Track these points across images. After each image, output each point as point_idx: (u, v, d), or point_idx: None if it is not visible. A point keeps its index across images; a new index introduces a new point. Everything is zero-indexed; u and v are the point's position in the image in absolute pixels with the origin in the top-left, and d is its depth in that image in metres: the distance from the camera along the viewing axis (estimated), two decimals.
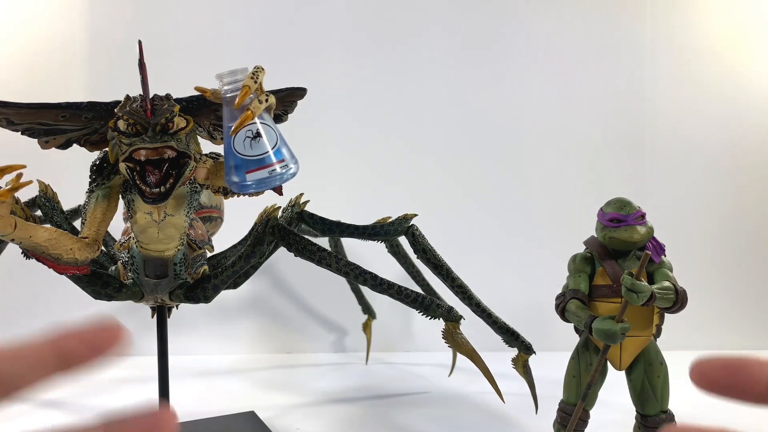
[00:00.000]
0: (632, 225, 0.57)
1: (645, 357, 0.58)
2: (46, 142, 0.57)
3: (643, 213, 0.58)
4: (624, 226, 0.57)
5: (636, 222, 0.57)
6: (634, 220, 0.57)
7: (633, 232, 0.56)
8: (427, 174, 1.25)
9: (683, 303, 0.54)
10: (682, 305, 0.55)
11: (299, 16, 1.23)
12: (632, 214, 0.57)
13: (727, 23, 1.27)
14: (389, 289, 0.66)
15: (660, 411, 0.57)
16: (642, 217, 0.57)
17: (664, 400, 0.57)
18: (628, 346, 0.58)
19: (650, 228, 0.58)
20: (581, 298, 0.58)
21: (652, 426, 0.57)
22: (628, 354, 0.58)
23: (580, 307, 0.57)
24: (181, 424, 0.76)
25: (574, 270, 0.60)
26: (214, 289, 0.65)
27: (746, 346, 1.25)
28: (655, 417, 0.56)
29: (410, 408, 0.87)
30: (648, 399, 0.57)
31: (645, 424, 0.57)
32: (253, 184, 0.51)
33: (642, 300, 0.52)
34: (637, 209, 0.58)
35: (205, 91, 0.53)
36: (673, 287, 0.54)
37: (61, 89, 1.18)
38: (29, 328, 1.11)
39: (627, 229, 0.57)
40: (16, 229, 0.48)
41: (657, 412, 0.57)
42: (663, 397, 0.57)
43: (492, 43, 1.26)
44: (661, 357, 0.58)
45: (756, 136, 1.28)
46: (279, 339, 1.24)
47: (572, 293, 0.58)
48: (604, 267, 0.58)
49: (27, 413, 0.86)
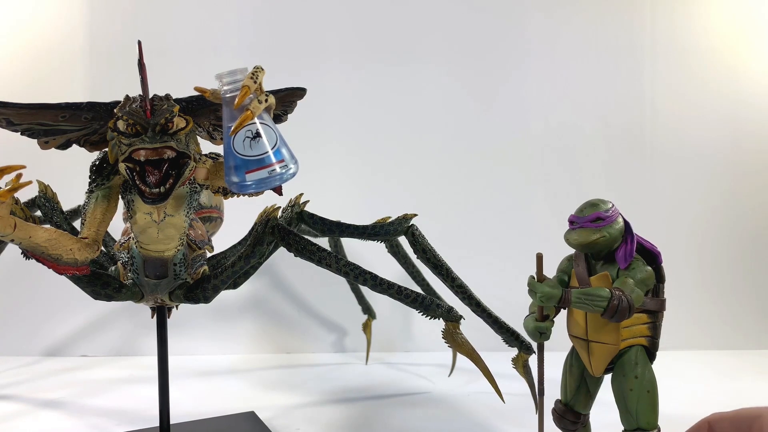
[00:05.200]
0: (584, 227, 0.55)
1: (619, 367, 0.55)
2: (45, 143, 0.57)
3: (602, 216, 0.55)
4: (577, 228, 0.56)
5: (589, 225, 0.55)
6: (588, 223, 0.55)
7: (584, 235, 0.55)
8: (427, 174, 1.25)
9: (617, 313, 0.51)
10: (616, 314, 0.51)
11: (299, 16, 1.23)
12: (587, 216, 0.55)
13: (728, 23, 1.27)
14: (389, 289, 0.66)
15: (637, 427, 0.53)
16: (600, 220, 0.55)
17: (640, 416, 0.53)
18: (595, 351, 0.56)
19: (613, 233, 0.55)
20: None
21: None
22: (596, 359, 0.56)
23: (534, 305, 0.57)
24: (181, 425, 0.76)
25: (559, 269, 0.60)
26: (214, 290, 0.65)
27: (746, 346, 1.25)
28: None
29: (410, 408, 0.87)
30: (622, 410, 0.55)
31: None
32: (252, 184, 0.51)
33: (542, 301, 0.52)
34: (596, 212, 0.55)
35: (205, 91, 0.53)
36: (604, 295, 0.51)
37: (61, 89, 1.18)
38: (29, 328, 1.11)
39: (579, 231, 0.56)
40: (15, 230, 0.48)
41: (633, 428, 0.53)
42: (639, 413, 0.53)
43: (492, 43, 1.26)
44: (638, 371, 0.54)
45: (757, 136, 1.28)
46: (279, 339, 1.24)
47: None
48: (574, 268, 0.58)
49: (27, 413, 0.86)
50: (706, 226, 1.28)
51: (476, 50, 1.26)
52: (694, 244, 1.28)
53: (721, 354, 1.20)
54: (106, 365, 1.12)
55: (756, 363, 1.14)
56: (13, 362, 1.12)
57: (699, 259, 1.28)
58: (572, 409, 0.59)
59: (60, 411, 0.87)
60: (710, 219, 1.28)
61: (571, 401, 0.59)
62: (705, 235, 1.28)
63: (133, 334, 1.19)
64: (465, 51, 1.25)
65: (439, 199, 1.24)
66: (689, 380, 0.90)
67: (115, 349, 1.19)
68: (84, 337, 1.19)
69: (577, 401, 0.59)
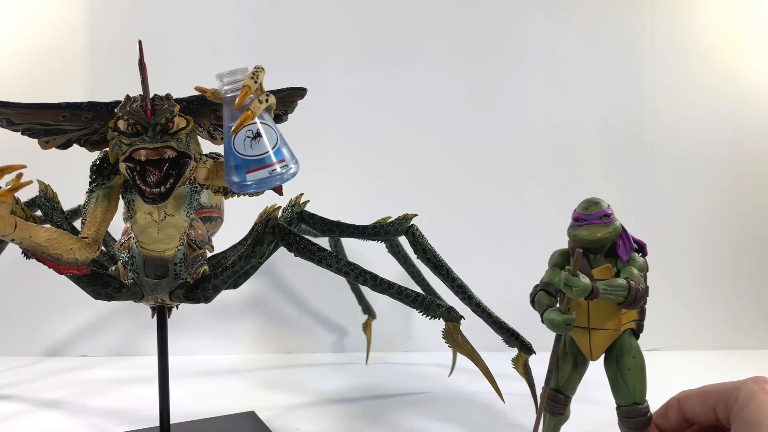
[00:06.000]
0: (593, 224, 0.59)
1: (617, 350, 0.60)
2: (46, 142, 0.57)
3: (608, 213, 0.59)
4: (585, 225, 0.59)
5: (598, 221, 0.59)
6: (596, 220, 0.59)
7: (593, 231, 0.59)
8: (427, 174, 1.25)
9: (637, 300, 0.56)
10: (635, 302, 0.56)
11: (299, 16, 1.23)
12: (594, 213, 0.59)
13: (728, 23, 1.27)
14: (389, 289, 0.66)
15: (633, 402, 0.59)
16: (606, 217, 0.59)
17: (635, 392, 0.59)
18: (596, 338, 0.60)
19: (615, 228, 0.59)
20: (550, 291, 0.61)
21: (625, 416, 0.59)
22: (597, 345, 0.61)
23: (543, 298, 0.61)
24: (181, 424, 0.76)
25: (552, 264, 0.64)
26: (214, 289, 0.65)
27: (747, 346, 1.25)
28: (628, 407, 0.59)
29: (410, 408, 0.87)
30: (619, 389, 0.60)
31: (619, 413, 0.60)
32: (253, 184, 0.51)
33: (578, 294, 0.55)
34: (602, 209, 0.59)
35: (205, 91, 0.52)
36: (623, 284, 0.56)
37: (61, 89, 1.18)
38: (29, 328, 1.11)
39: (588, 228, 0.59)
40: (16, 229, 0.48)
41: (629, 403, 0.59)
42: (635, 390, 0.59)
43: (492, 43, 1.26)
44: (634, 351, 0.60)
45: (757, 136, 1.28)
46: (279, 339, 1.24)
47: (543, 285, 0.62)
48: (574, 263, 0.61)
49: (27, 413, 0.86)
50: (706, 225, 1.28)
51: (476, 50, 1.26)
52: (694, 244, 1.28)
53: (722, 354, 1.20)
54: (106, 365, 1.12)
55: (756, 363, 1.14)
56: (13, 362, 1.12)
57: (699, 259, 1.27)
58: (563, 393, 0.63)
59: (60, 411, 0.87)
60: (710, 219, 1.28)
61: (563, 386, 0.63)
62: (705, 234, 1.28)
63: (133, 334, 1.19)
64: (465, 51, 1.26)
65: (439, 199, 1.24)
66: (689, 380, 0.90)
67: (115, 349, 1.19)
68: (84, 337, 1.19)
69: (568, 386, 0.63)
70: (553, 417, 0.63)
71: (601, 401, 0.68)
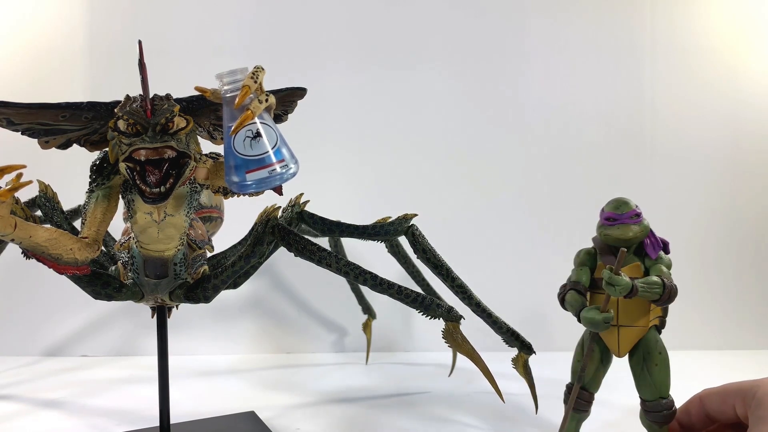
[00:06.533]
0: (625, 223, 0.61)
1: (644, 346, 0.62)
2: (46, 142, 0.57)
3: (638, 212, 0.61)
4: (618, 225, 0.61)
5: (630, 221, 0.61)
6: (628, 219, 0.61)
7: (626, 230, 0.61)
8: (427, 174, 1.25)
9: (671, 297, 0.58)
10: (669, 299, 0.58)
11: (300, 16, 1.23)
12: (626, 213, 0.61)
13: (728, 23, 1.27)
14: (389, 289, 0.66)
15: (659, 396, 0.60)
16: (636, 216, 0.61)
17: (662, 387, 0.61)
18: (624, 335, 0.62)
19: (645, 227, 0.61)
20: (579, 290, 0.63)
21: (650, 410, 0.61)
22: (625, 342, 0.62)
23: (575, 297, 0.62)
24: (181, 424, 0.76)
25: (578, 263, 0.65)
26: (214, 289, 0.65)
27: (747, 345, 1.25)
28: (654, 402, 0.60)
29: (410, 408, 0.87)
30: (646, 384, 0.61)
31: (644, 408, 0.62)
32: (253, 184, 0.51)
33: (621, 293, 0.57)
34: (633, 209, 0.61)
35: (205, 91, 0.52)
36: (659, 282, 0.58)
37: (61, 89, 1.18)
38: (29, 328, 1.12)
39: (620, 227, 0.61)
40: (16, 229, 0.48)
41: (655, 398, 0.60)
42: (661, 385, 0.61)
43: (492, 45, 1.26)
44: (660, 347, 0.62)
45: (757, 136, 1.28)
46: (279, 339, 1.24)
47: (572, 284, 0.63)
48: (603, 262, 0.63)
49: (27, 413, 0.86)
50: (706, 225, 1.28)
51: (476, 50, 1.26)
52: (695, 244, 1.27)
53: (722, 354, 1.20)
54: (106, 365, 1.12)
55: (757, 363, 1.14)
56: (13, 362, 1.12)
57: (699, 259, 1.27)
58: (588, 390, 0.64)
59: (60, 411, 0.86)
60: (710, 219, 1.28)
61: (588, 384, 0.64)
62: (705, 235, 1.28)
63: (133, 334, 1.20)
64: (465, 51, 1.25)
65: (439, 199, 1.24)
66: (690, 380, 0.90)
67: (115, 349, 1.19)
68: (84, 337, 1.19)
69: (593, 383, 0.64)
70: (576, 414, 0.64)
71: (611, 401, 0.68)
